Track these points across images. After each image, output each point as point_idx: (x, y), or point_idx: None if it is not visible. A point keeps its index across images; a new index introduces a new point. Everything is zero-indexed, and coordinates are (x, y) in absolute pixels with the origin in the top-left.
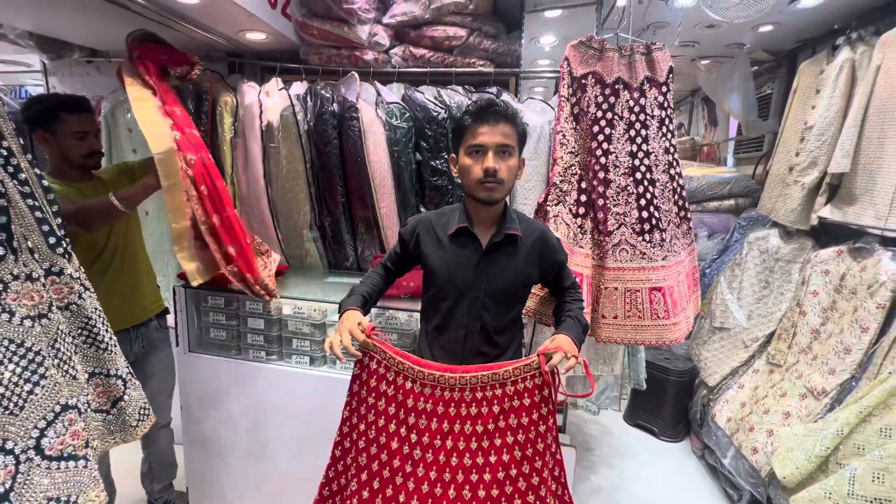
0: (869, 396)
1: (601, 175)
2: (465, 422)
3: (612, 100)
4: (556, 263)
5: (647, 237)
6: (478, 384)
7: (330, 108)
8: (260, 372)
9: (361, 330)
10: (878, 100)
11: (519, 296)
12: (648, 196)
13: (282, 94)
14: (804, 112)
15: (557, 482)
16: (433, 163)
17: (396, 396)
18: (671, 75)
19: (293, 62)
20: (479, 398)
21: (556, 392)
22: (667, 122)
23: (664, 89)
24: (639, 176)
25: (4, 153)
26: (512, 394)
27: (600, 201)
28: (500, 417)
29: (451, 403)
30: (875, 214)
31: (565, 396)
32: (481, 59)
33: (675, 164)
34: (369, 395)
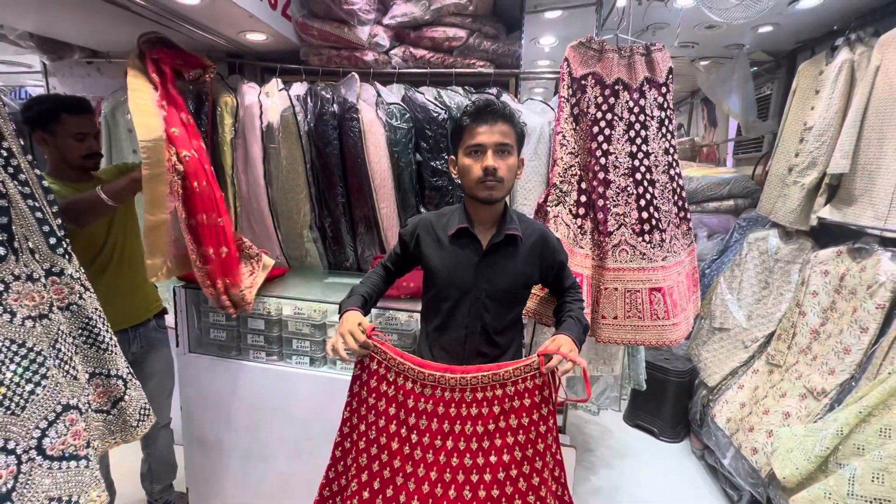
0: (868, 396)
1: (601, 176)
2: (466, 422)
3: (611, 100)
4: (557, 264)
5: (646, 238)
6: (478, 385)
7: (330, 109)
8: (260, 372)
9: (362, 330)
10: (877, 100)
11: (519, 296)
12: (648, 197)
13: (282, 95)
14: (803, 113)
15: (557, 482)
16: (433, 163)
17: (397, 397)
18: (671, 76)
19: (293, 63)
20: (480, 399)
21: (556, 393)
22: (666, 122)
23: (664, 90)
24: (638, 176)
25: (5, 154)
26: (512, 394)
27: (600, 202)
28: (500, 418)
29: (452, 404)
30: (874, 215)
31: (564, 399)
32: (481, 59)
33: (674, 164)
34: (370, 396)
